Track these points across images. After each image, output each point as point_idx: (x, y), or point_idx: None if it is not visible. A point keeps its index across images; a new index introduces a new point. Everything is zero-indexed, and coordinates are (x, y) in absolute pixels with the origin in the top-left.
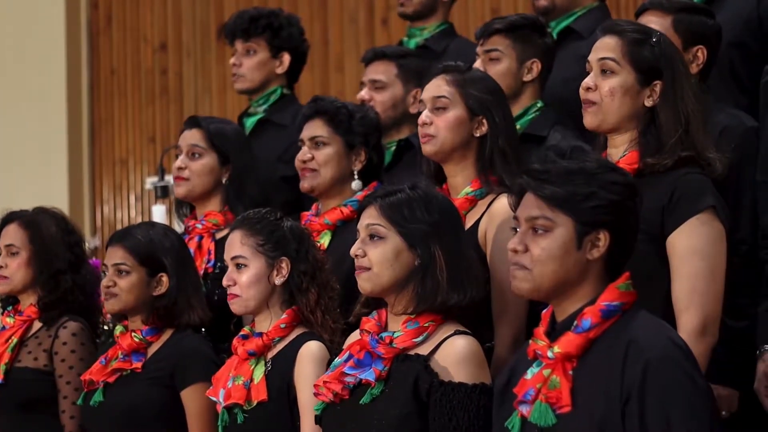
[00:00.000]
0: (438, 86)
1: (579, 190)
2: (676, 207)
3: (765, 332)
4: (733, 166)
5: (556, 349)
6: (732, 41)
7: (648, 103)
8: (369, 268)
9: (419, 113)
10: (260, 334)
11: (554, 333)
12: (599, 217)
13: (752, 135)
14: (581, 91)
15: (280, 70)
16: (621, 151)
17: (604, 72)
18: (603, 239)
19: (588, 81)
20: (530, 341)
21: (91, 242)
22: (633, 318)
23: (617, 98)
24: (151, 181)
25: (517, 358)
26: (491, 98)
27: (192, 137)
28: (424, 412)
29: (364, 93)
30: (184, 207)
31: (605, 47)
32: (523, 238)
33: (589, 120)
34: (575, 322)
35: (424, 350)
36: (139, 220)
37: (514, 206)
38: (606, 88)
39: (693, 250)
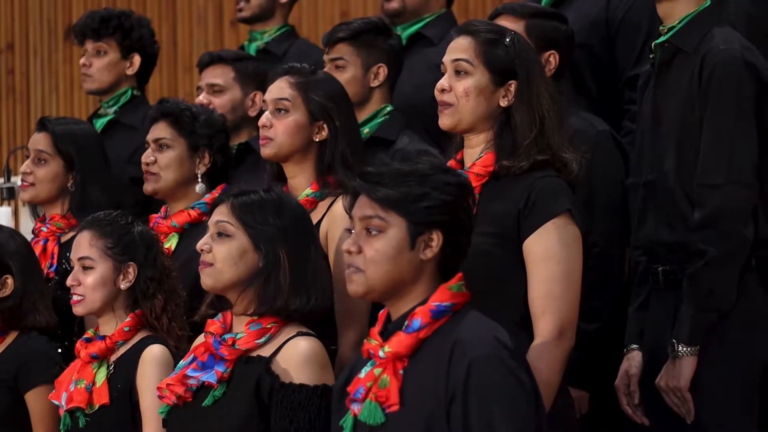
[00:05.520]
0: (281, 88)
1: (412, 191)
2: (532, 211)
3: (632, 332)
4: (585, 169)
5: (387, 348)
6: (576, 42)
7: (503, 103)
8: (212, 264)
9: (259, 116)
10: (103, 338)
11: (386, 333)
12: (432, 217)
13: (603, 138)
14: (436, 93)
15: (130, 71)
16: (477, 152)
17: (458, 73)
18: (436, 239)
19: (443, 82)
20: (365, 341)
21: None
22: (462, 318)
23: (472, 98)
24: None
25: (357, 357)
26: (333, 104)
27: (39, 142)
28: (267, 414)
29: (202, 98)
30: (39, 208)
31: (459, 48)
32: (357, 239)
33: (446, 121)
34: (406, 322)
35: (266, 352)
36: None
37: (349, 207)
38: (461, 88)
39: (549, 254)
